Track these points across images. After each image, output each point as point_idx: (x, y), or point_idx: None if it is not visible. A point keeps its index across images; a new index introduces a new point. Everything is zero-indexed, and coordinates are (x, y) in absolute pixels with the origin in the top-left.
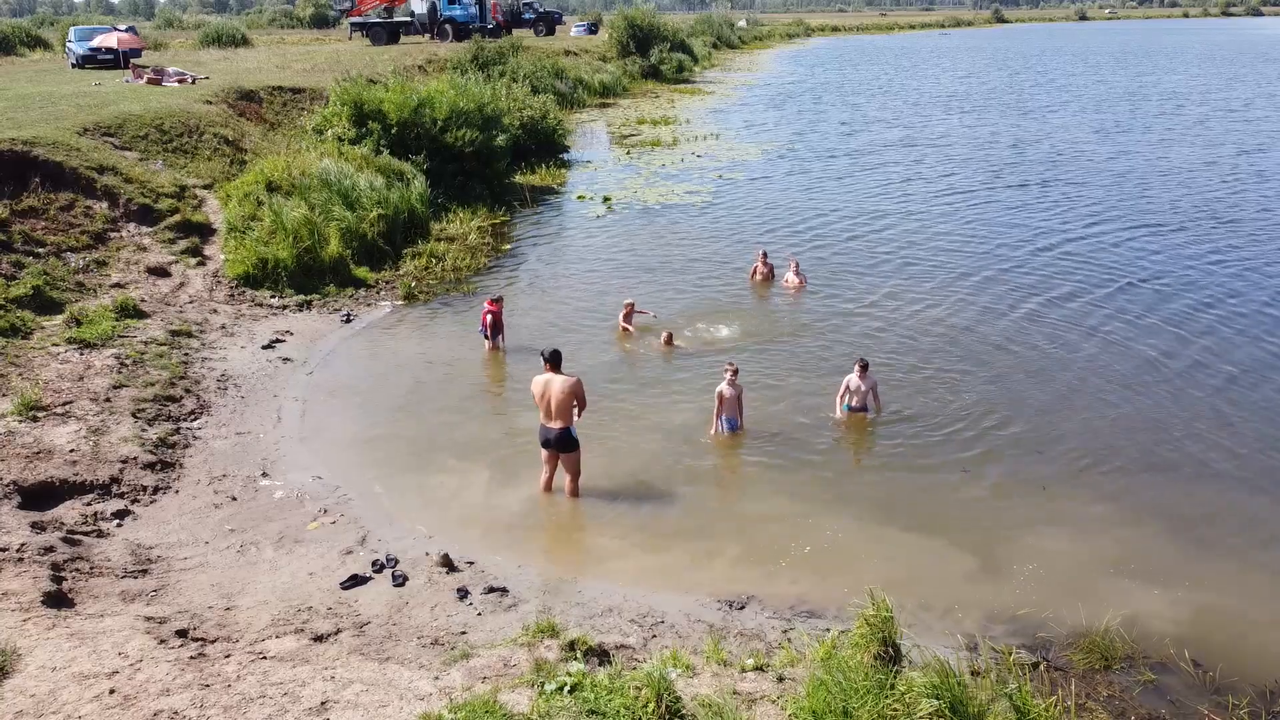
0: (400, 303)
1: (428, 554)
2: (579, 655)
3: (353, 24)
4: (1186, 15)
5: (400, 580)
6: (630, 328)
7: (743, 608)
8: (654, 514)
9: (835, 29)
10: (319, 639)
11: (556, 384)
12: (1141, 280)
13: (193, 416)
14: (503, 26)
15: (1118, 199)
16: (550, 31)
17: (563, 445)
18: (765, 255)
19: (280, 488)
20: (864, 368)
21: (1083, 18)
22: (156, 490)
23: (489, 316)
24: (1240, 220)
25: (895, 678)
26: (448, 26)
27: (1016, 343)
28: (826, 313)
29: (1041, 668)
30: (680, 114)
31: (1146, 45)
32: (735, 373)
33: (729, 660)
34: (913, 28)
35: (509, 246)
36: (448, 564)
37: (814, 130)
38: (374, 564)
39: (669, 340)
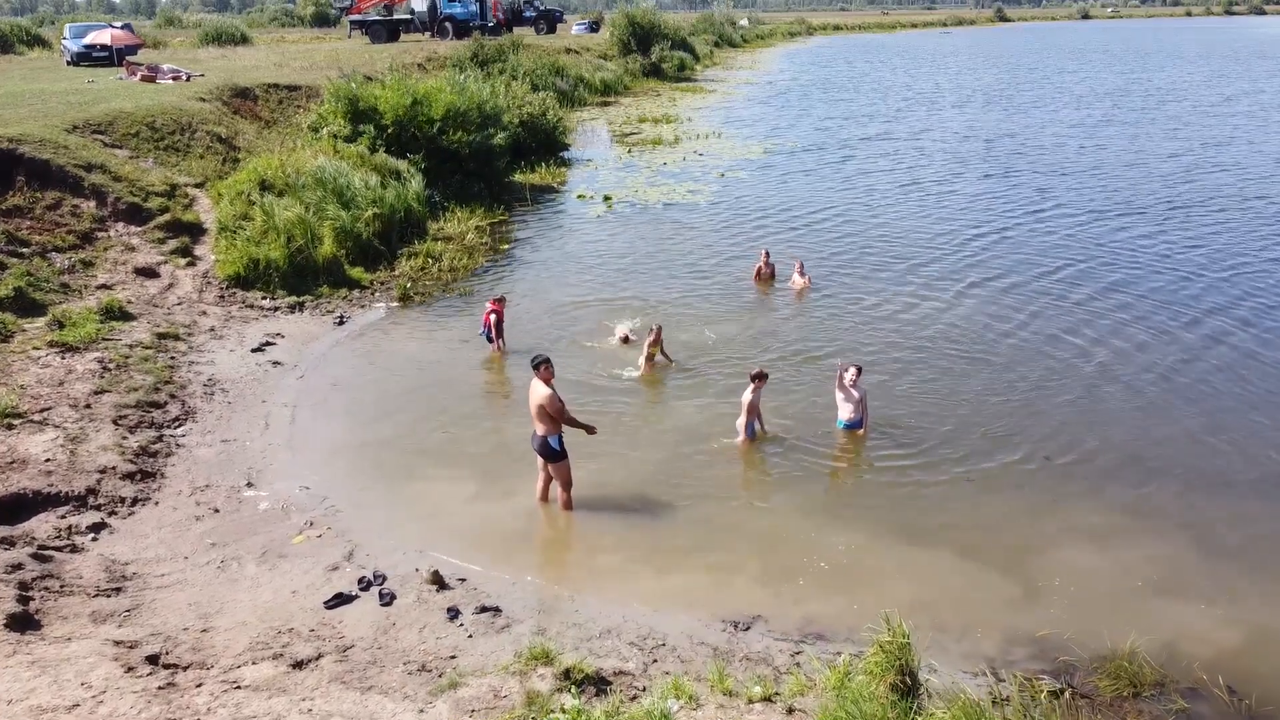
0: (396, 304)
1: (417, 570)
2: (573, 686)
3: (352, 22)
4: (1189, 14)
5: (388, 599)
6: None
7: (748, 629)
8: (654, 528)
9: (837, 28)
10: (298, 665)
11: (534, 392)
12: (1147, 283)
13: (177, 423)
14: (503, 24)
15: (1118, 193)
16: (551, 30)
17: (544, 454)
18: (768, 255)
19: (266, 499)
20: (858, 373)
21: (1085, 16)
22: (135, 502)
23: (492, 317)
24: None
25: (915, 716)
26: (448, 24)
27: (1027, 347)
28: (830, 314)
29: (1066, 695)
30: (682, 112)
31: (1144, 44)
32: (760, 378)
33: (735, 690)
34: (915, 26)
35: (507, 246)
36: (438, 581)
37: (815, 128)
38: (360, 581)
39: (625, 341)
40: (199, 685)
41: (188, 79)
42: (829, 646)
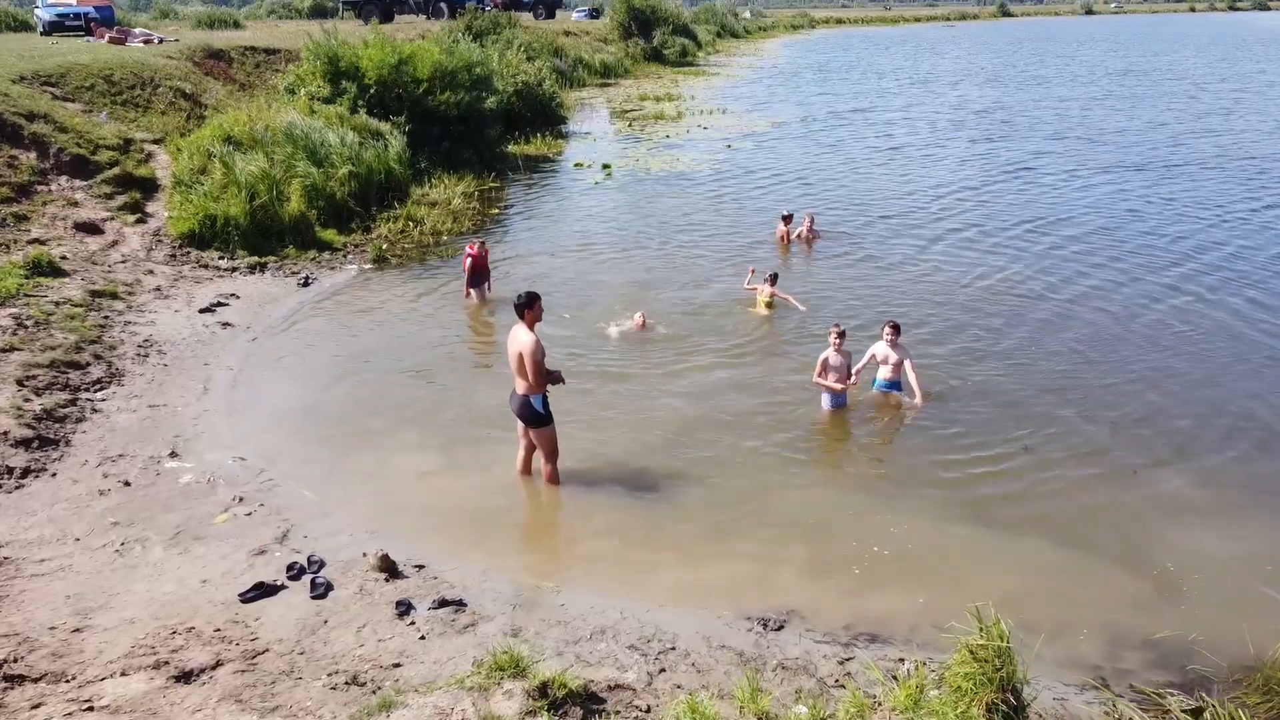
0: (369, 266)
1: (365, 554)
2: (549, 709)
3: (345, 2)
4: (1193, 9)
5: (321, 590)
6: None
7: (780, 628)
8: (660, 506)
9: (840, 22)
10: (185, 676)
11: (514, 339)
12: (1208, 241)
13: (98, 386)
14: (500, 8)
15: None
16: (550, 15)
17: (525, 417)
18: (789, 218)
19: (189, 470)
20: (895, 331)
21: (1088, 12)
22: (26, 473)
23: (468, 260)
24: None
25: None
26: (443, 5)
27: (1071, 303)
28: (851, 277)
29: (1207, 715)
30: (684, 91)
31: (1149, 33)
32: (842, 335)
33: (773, 711)
34: (918, 20)
35: (497, 211)
36: (388, 568)
37: (822, 104)
38: (291, 568)
39: (643, 324)
40: (36, 706)
41: (160, 42)
42: (886, 651)
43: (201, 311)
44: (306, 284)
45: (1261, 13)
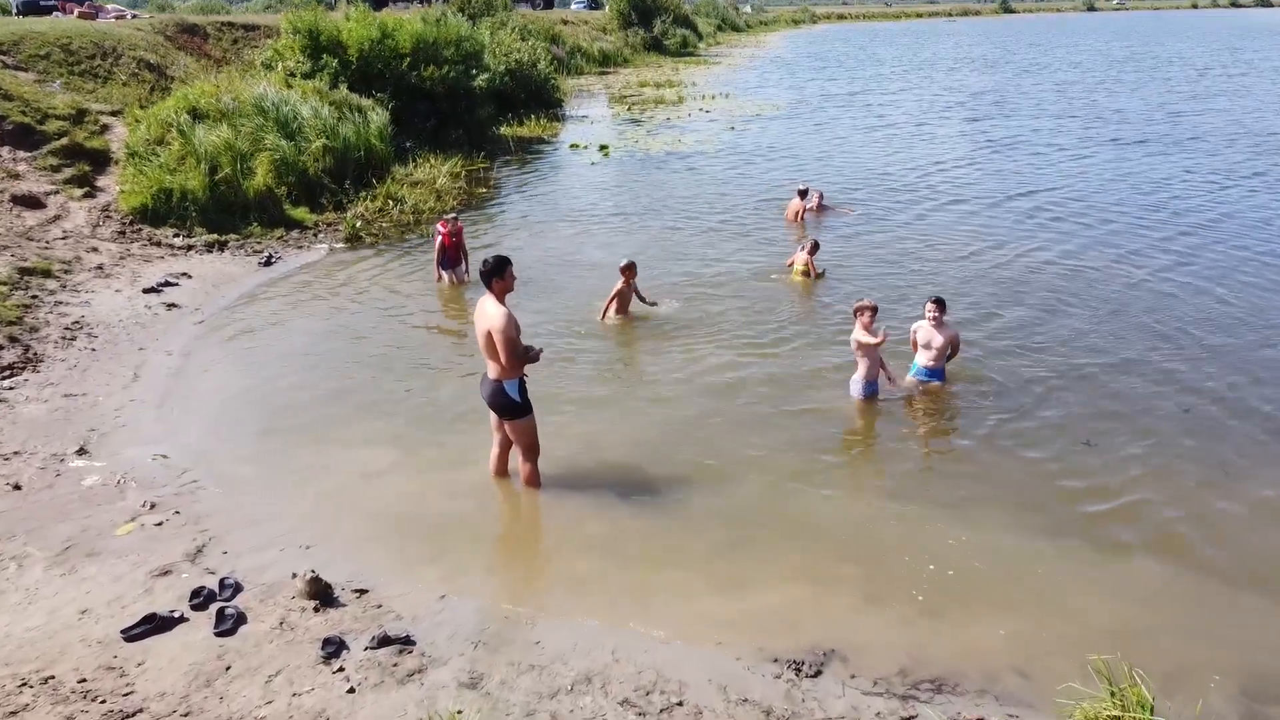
0: (341, 245)
1: (295, 575)
2: None
3: None
4: (1195, 6)
5: (230, 624)
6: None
7: (818, 673)
8: (661, 516)
9: (841, 17)
10: None
11: (482, 314)
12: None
13: (7, 372)
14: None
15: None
16: (549, 6)
17: (498, 407)
18: (805, 193)
19: (97, 471)
20: (940, 308)
21: (1090, 9)
22: None
23: (439, 239)
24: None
25: None
26: None
27: (1137, 281)
28: (864, 253)
29: None
30: (685, 79)
31: (1153, 27)
32: (874, 312)
33: None
34: (920, 16)
35: (485, 191)
36: (319, 594)
37: (823, 89)
38: (195, 595)
39: (628, 281)
40: None
41: (133, 18)
42: (958, 706)
43: (146, 291)
44: (269, 263)
45: (1263, 9)
